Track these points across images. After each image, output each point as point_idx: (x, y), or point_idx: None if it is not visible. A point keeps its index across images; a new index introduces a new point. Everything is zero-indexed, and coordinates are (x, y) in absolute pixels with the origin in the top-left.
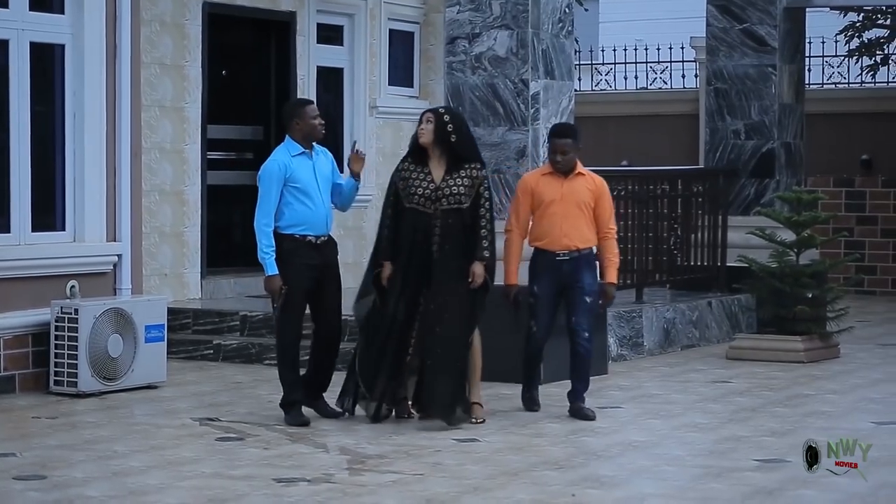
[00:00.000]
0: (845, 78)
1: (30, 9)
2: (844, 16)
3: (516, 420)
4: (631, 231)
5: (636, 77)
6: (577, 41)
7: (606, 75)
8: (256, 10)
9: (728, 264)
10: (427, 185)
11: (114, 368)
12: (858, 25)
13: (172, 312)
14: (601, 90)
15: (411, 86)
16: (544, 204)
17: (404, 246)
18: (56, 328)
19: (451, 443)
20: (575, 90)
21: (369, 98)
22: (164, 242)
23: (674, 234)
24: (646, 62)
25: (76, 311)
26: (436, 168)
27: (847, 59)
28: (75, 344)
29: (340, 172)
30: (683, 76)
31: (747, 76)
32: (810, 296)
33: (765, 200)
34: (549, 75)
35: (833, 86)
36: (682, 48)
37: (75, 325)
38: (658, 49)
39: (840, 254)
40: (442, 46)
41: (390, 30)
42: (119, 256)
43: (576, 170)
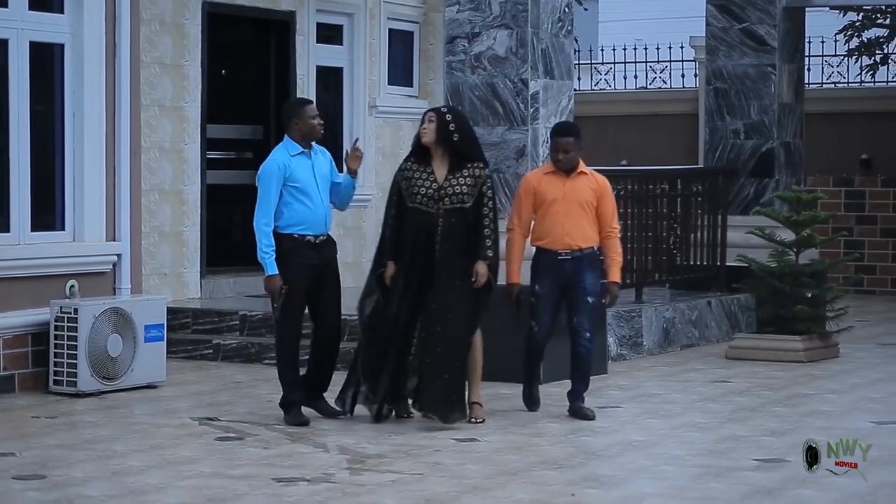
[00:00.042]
0: (845, 77)
1: (29, 8)
2: (844, 15)
3: (516, 420)
4: (630, 231)
5: (636, 77)
6: (577, 41)
7: (606, 75)
8: (256, 10)
9: (727, 264)
10: (430, 185)
11: (113, 368)
12: (858, 25)
13: (172, 312)
14: (601, 90)
15: (411, 85)
16: (546, 203)
17: (407, 245)
18: (55, 328)
19: (451, 442)
20: (574, 90)
21: (369, 98)
22: (164, 242)
23: (673, 234)
24: (645, 62)
25: (76, 311)
26: (438, 167)
27: (846, 59)
28: (75, 343)
29: (339, 172)
30: (683, 76)
31: (747, 76)
32: (810, 295)
33: (764, 200)
34: (549, 75)
35: (832, 85)
36: (682, 48)
37: (75, 325)
38: (657, 48)
39: (839, 253)
40: (441, 46)
41: (390, 29)
42: (118, 256)
43: (578, 169)
